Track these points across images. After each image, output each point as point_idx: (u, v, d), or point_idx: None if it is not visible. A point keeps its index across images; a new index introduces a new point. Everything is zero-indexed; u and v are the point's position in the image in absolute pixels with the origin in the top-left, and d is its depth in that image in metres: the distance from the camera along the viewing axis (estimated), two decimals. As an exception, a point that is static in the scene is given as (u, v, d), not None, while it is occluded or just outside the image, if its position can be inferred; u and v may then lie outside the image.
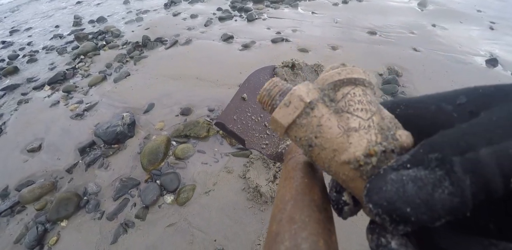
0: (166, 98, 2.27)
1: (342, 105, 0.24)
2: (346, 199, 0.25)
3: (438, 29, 3.17)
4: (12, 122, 2.39)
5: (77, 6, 5.67)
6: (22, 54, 3.72)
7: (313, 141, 0.24)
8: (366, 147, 0.21)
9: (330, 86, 0.25)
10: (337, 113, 0.24)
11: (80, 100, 2.48)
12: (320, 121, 0.23)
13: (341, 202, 0.25)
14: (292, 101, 0.24)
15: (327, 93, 0.25)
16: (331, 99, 0.25)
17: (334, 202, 0.26)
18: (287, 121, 0.24)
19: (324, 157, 0.23)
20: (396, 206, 0.17)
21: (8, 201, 1.68)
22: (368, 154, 0.21)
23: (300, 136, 0.24)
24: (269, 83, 0.29)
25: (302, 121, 0.24)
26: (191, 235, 1.35)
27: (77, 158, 1.89)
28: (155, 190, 1.56)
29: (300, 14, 3.68)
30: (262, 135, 0.66)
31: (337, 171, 0.23)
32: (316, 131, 0.23)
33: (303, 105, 0.24)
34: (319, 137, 0.23)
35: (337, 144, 0.22)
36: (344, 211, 0.25)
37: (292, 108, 0.24)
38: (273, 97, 0.28)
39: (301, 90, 0.24)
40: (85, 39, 3.72)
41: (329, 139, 0.23)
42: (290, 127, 0.25)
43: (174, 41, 3.16)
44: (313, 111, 0.24)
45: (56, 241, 1.45)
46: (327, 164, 0.23)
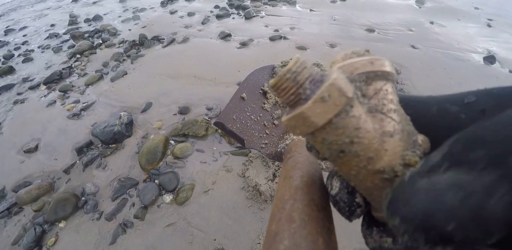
0: (164, 97, 2.26)
1: (375, 104, 0.21)
2: (359, 201, 0.23)
3: (436, 27, 3.17)
4: (8, 122, 2.37)
5: (73, 5, 5.61)
6: (17, 54, 3.68)
7: (348, 147, 0.20)
8: (401, 155, 0.19)
9: (362, 78, 0.21)
10: (371, 113, 0.20)
11: (76, 100, 2.45)
12: (358, 123, 0.20)
13: (354, 204, 0.23)
14: (332, 95, 0.19)
15: (358, 86, 0.21)
16: (363, 94, 0.21)
17: (346, 203, 0.23)
18: (322, 121, 0.19)
19: (355, 164, 0.20)
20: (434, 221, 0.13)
21: (5, 203, 1.67)
22: (408, 164, 0.19)
23: (332, 140, 0.20)
24: (295, 64, 0.21)
25: (339, 121, 0.19)
26: (191, 234, 1.35)
27: (74, 158, 1.88)
28: (153, 189, 1.55)
29: (298, 12, 3.67)
30: (262, 134, 0.66)
31: (365, 179, 0.20)
32: (354, 135, 0.19)
33: (344, 101, 0.19)
34: (356, 142, 0.20)
35: (373, 151, 0.19)
36: (356, 213, 0.24)
37: (331, 105, 0.19)
38: (302, 85, 0.20)
39: (341, 81, 0.19)
40: (81, 38, 3.69)
41: (366, 145, 0.20)
42: (324, 127, 0.20)
43: (171, 40, 3.13)
44: (352, 109, 0.20)
45: (54, 242, 1.43)
46: (354, 171, 0.21)
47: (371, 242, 0.22)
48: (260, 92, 0.71)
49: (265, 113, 0.69)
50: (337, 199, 0.24)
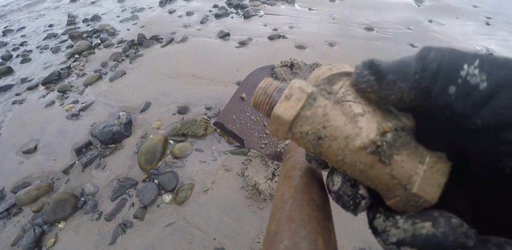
0: (163, 97, 2.25)
1: (341, 96, 0.23)
2: (363, 193, 0.23)
3: (434, 25, 3.16)
4: (6, 123, 2.36)
5: (71, 5, 5.60)
6: (15, 54, 3.67)
7: (322, 132, 0.22)
8: (377, 127, 0.21)
9: (325, 81, 0.25)
10: (338, 103, 0.23)
11: (75, 100, 2.45)
12: (325, 110, 0.22)
13: (358, 196, 0.23)
14: (293, 93, 0.23)
15: (323, 87, 0.24)
16: (328, 92, 0.24)
17: (350, 197, 0.23)
18: (291, 115, 0.23)
19: (337, 148, 0.22)
20: None
21: (4, 203, 1.66)
22: (383, 132, 0.20)
23: (307, 130, 0.23)
24: (264, 82, 0.27)
25: (307, 113, 0.23)
26: (190, 234, 1.34)
27: (73, 158, 1.87)
28: (153, 189, 1.55)
29: (296, 11, 3.66)
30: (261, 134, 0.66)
31: (353, 161, 0.21)
32: (324, 120, 0.22)
33: (305, 96, 0.23)
34: (327, 126, 0.22)
35: (347, 131, 0.21)
36: (361, 206, 0.24)
37: (295, 100, 0.23)
38: (271, 95, 0.26)
39: (300, 82, 0.24)
40: (80, 38, 3.68)
41: (338, 127, 0.22)
42: (295, 121, 0.23)
43: (170, 39, 3.13)
44: (315, 101, 0.23)
45: (54, 243, 1.43)
46: (340, 156, 0.22)
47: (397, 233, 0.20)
48: None
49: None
50: (340, 193, 0.24)
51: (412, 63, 0.20)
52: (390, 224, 0.21)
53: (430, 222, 0.19)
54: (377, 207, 0.23)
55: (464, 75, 0.17)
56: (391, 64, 0.21)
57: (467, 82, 0.17)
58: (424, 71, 0.19)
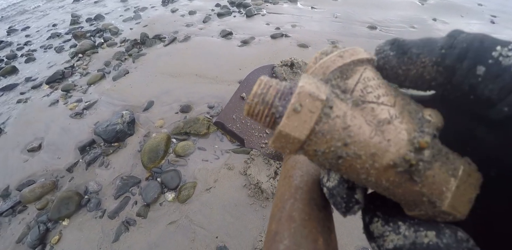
0: (166, 95, 2.26)
1: (360, 95, 0.19)
2: (359, 198, 0.21)
3: (438, 23, 3.14)
4: (11, 122, 2.39)
5: (74, 5, 5.62)
6: (20, 54, 3.70)
7: (343, 151, 0.18)
8: (408, 140, 0.17)
9: (336, 74, 0.20)
10: (358, 106, 0.18)
11: (79, 99, 2.47)
12: (345, 121, 0.18)
13: (352, 200, 0.21)
14: (304, 104, 0.17)
15: (335, 83, 0.19)
16: (342, 90, 0.19)
17: (344, 199, 0.21)
18: (304, 133, 0.17)
19: (360, 167, 0.18)
20: None
21: (10, 201, 1.69)
22: (419, 148, 0.17)
23: (323, 148, 0.18)
24: (259, 86, 0.20)
25: (323, 127, 0.18)
26: (193, 232, 1.35)
27: (77, 156, 1.89)
28: (156, 187, 1.56)
29: (299, 9, 3.65)
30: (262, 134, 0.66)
31: (379, 180, 0.18)
32: (345, 136, 0.17)
33: (320, 105, 0.17)
34: (350, 143, 0.17)
35: (373, 146, 0.17)
36: (353, 210, 0.22)
37: (307, 113, 0.17)
38: (272, 104, 0.19)
39: (310, 86, 0.18)
40: (83, 37, 3.70)
41: (362, 142, 0.17)
42: (308, 139, 0.18)
43: (173, 38, 3.13)
44: (333, 110, 0.18)
45: (58, 240, 1.45)
46: (363, 175, 0.18)
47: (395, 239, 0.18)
48: None
49: None
50: (334, 192, 0.22)
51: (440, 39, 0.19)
52: (389, 229, 0.19)
53: (434, 231, 0.18)
54: (374, 211, 0.22)
55: (496, 56, 0.16)
56: (417, 40, 0.20)
57: (499, 63, 0.16)
58: (451, 48, 0.18)
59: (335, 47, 0.21)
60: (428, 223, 0.18)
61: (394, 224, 0.19)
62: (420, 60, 0.19)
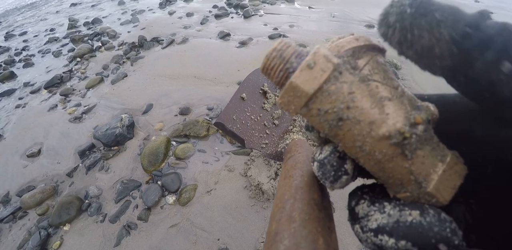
0: (165, 98, 2.26)
1: (367, 74, 0.20)
2: (348, 168, 0.22)
3: (436, 21, 3.14)
4: (10, 127, 2.38)
5: (72, 9, 5.63)
6: (18, 59, 3.70)
7: (345, 113, 0.19)
8: (406, 117, 0.18)
9: (349, 53, 0.21)
10: (364, 82, 0.19)
11: (78, 103, 2.46)
12: (351, 88, 0.19)
13: (342, 169, 0.21)
14: (317, 62, 0.19)
15: (347, 60, 0.20)
16: (352, 67, 0.20)
17: (334, 167, 0.21)
18: (312, 87, 0.19)
19: (358, 133, 0.19)
20: None
21: (10, 207, 1.68)
22: (414, 123, 0.18)
23: (327, 108, 0.19)
24: (280, 43, 0.22)
25: (331, 87, 0.19)
26: (194, 235, 1.34)
27: (77, 161, 1.88)
28: (156, 191, 1.55)
29: (296, 9, 3.65)
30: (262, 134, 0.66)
31: (372, 150, 0.19)
32: (348, 100, 0.19)
33: (331, 67, 0.19)
34: (352, 107, 0.19)
35: (373, 115, 0.18)
36: (341, 181, 0.22)
37: (318, 71, 0.19)
38: (288, 60, 0.21)
39: (325, 50, 0.20)
40: (81, 41, 3.70)
41: (364, 109, 0.19)
42: (315, 95, 0.19)
43: (171, 41, 3.13)
44: (341, 76, 0.19)
45: (59, 245, 1.44)
46: (359, 142, 0.19)
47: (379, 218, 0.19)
48: (260, 92, 0.71)
49: (265, 113, 0.69)
50: (324, 162, 0.22)
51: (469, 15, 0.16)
52: (375, 208, 0.20)
53: (418, 211, 0.18)
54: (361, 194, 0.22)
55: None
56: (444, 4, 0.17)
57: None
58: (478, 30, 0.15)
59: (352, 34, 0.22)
60: (413, 204, 0.19)
61: (380, 204, 0.20)
62: (438, 30, 0.16)
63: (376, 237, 0.18)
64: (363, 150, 0.19)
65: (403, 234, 0.17)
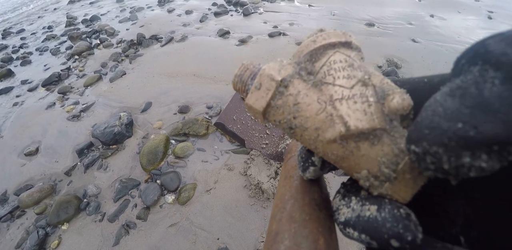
0: (164, 96, 2.24)
1: (321, 77, 0.21)
2: (315, 161, 0.24)
3: (436, 20, 3.13)
4: (8, 125, 2.36)
5: (70, 6, 5.59)
6: (15, 57, 3.67)
7: (293, 122, 0.21)
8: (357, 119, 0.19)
9: (307, 58, 0.22)
10: (316, 87, 0.21)
11: (76, 101, 2.44)
12: (296, 99, 0.21)
13: (309, 161, 0.24)
14: (263, 83, 0.22)
15: (303, 66, 0.22)
16: (309, 72, 0.22)
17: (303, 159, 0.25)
18: (261, 106, 0.22)
19: (308, 138, 0.21)
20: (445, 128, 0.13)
21: (8, 206, 1.66)
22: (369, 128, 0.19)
23: (279, 119, 0.22)
24: (240, 68, 0.25)
25: (277, 102, 0.21)
26: (194, 234, 1.34)
27: (75, 160, 1.87)
28: (155, 190, 1.54)
29: (296, 7, 3.63)
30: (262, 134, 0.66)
31: (325, 151, 0.21)
32: (294, 111, 0.21)
33: (274, 85, 0.21)
34: (297, 116, 0.21)
35: (319, 122, 0.20)
36: (309, 171, 0.25)
37: (264, 90, 0.22)
38: (245, 82, 0.24)
39: (271, 69, 0.22)
40: (79, 38, 3.67)
41: (309, 118, 0.20)
42: (267, 111, 0.22)
43: (170, 38, 3.11)
44: (287, 89, 0.21)
45: (57, 244, 1.43)
46: (312, 145, 0.21)
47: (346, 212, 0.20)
48: None
49: None
50: (298, 153, 0.26)
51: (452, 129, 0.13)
52: (343, 203, 0.21)
53: (376, 206, 0.18)
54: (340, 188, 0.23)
55: None
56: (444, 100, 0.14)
57: None
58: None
59: (319, 31, 0.23)
60: (375, 198, 0.19)
61: (348, 199, 0.21)
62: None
63: (344, 229, 0.20)
64: (318, 152, 0.21)
65: (362, 228, 0.18)
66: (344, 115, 0.19)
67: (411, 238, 0.16)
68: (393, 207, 0.18)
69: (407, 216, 0.17)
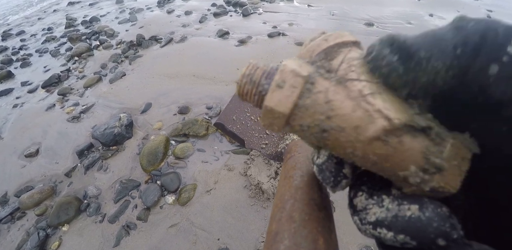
0: (163, 97, 2.25)
1: (343, 74, 0.19)
2: (347, 173, 0.21)
3: (435, 19, 3.13)
4: (8, 127, 2.36)
5: (69, 8, 5.60)
6: (15, 58, 3.68)
7: (327, 123, 0.19)
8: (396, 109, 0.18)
9: (321, 56, 0.21)
10: (341, 84, 0.19)
11: (76, 103, 2.45)
12: (327, 96, 0.18)
13: (341, 174, 0.21)
14: (287, 79, 0.19)
15: (320, 64, 0.20)
16: (327, 70, 0.20)
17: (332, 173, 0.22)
18: (287, 107, 0.19)
19: (346, 140, 0.18)
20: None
21: (8, 208, 1.67)
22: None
23: (308, 122, 0.19)
24: (248, 67, 0.22)
25: (306, 102, 0.19)
26: (194, 234, 1.34)
27: (75, 161, 1.87)
28: (155, 190, 1.55)
29: (295, 8, 3.64)
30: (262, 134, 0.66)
31: (365, 154, 0.18)
32: (327, 109, 0.18)
33: (302, 81, 0.19)
34: (332, 116, 0.18)
35: (357, 119, 0.18)
36: (341, 185, 0.22)
37: (289, 88, 0.19)
38: (258, 83, 0.21)
39: (292, 64, 0.19)
40: (79, 40, 3.68)
41: (345, 115, 0.18)
42: (293, 113, 0.19)
43: (169, 39, 3.12)
44: (314, 86, 0.19)
45: (58, 246, 1.43)
46: (350, 148, 0.19)
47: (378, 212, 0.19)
48: None
49: None
50: (323, 167, 0.22)
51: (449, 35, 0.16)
52: (373, 202, 0.20)
53: (417, 205, 0.18)
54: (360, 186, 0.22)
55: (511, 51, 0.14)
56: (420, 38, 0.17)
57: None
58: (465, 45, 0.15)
59: (323, 33, 0.22)
60: (412, 197, 0.18)
61: (378, 198, 0.20)
62: (432, 65, 0.16)
63: (375, 229, 0.18)
64: (356, 155, 0.19)
65: (402, 228, 0.17)
66: (383, 109, 0.18)
67: (456, 236, 0.16)
68: (436, 206, 0.17)
69: (451, 215, 0.17)
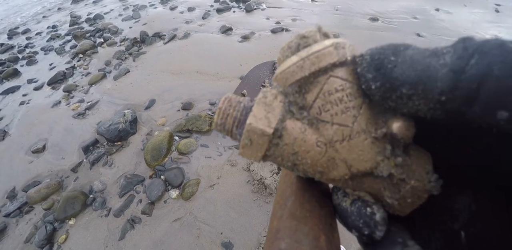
0: (167, 93, 2.26)
1: (317, 113, 0.19)
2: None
3: (441, 13, 3.08)
4: (15, 124, 2.40)
5: (73, 6, 5.63)
6: (21, 56, 3.72)
7: (294, 167, 0.21)
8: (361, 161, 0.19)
9: (295, 89, 0.19)
10: (312, 126, 0.19)
11: (81, 99, 2.47)
12: (294, 149, 0.19)
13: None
14: (253, 139, 0.20)
15: (293, 100, 0.20)
16: (300, 107, 0.19)
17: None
18: (258, 158, 0.21)
19: (312, 175, 0.21)
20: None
21: (16, 202, 1.70)
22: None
23: (279, 162, 0.21)
24: (218, 116, 0.22)
25: (275, 153, 0.20)
26: (198, 229, 1.35)
27: (81, 156, 1.90)
28: (160, 185, 1.56)
29: (299, 3, 3.60)
30: None
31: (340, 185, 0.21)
32: (294, 159, 0.20)
33: (267, 140, 0.19)
34: (298, 164, 0.20)
35: (321, 166, 0.19)
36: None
37: (257, 146, 0.20)
38: (231, 132, 0.22)
39: (258, 121, 0.19)
40: (83, 37, 3.70)
41: (310, 164, 0.20)
42: (265, 158, 0.21)
43: (172, 36, 3.12)
44: (282, 139, 0.20)
45: (65, 239, 1.46)
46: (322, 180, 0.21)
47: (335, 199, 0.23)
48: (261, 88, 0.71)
49: None
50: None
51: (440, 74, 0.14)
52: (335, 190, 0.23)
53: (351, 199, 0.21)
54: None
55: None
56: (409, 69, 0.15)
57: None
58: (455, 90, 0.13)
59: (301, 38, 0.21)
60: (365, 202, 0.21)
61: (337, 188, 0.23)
62: (412, 103, 0.15)
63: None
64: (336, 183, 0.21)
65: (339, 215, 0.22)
66: (347, 159, 0.18)
67: (368, 232, 0.19)
68: (363, 204, 0.20)
69: (371, 215, 0.19)
